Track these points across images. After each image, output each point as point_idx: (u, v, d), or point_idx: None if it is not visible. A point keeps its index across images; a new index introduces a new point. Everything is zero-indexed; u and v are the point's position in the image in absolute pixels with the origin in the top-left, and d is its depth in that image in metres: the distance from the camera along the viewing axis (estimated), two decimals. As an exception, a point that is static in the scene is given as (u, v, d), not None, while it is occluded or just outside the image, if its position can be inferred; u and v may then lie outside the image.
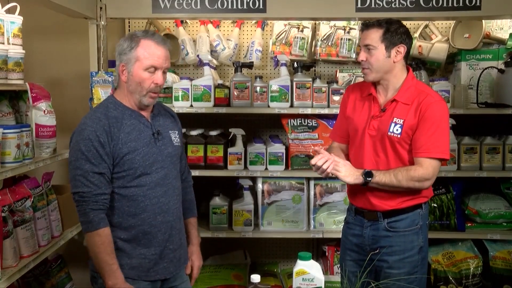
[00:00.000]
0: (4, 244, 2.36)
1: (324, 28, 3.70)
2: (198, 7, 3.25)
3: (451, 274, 3.43)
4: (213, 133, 3.48)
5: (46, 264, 3.08)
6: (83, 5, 3.11)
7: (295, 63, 3.49)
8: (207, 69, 3.49)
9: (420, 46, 3.70)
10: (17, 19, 2.63)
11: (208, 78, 3.43)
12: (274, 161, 3.45)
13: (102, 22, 3.26)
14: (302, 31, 3.69)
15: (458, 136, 3.49)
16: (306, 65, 3.52)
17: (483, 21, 3.50)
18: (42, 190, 2.77)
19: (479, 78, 3.52)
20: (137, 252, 2.15)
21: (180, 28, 3.79)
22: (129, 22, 3.88)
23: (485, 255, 3.50)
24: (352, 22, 3.66)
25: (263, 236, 3.58)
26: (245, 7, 3.24)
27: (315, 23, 3.74)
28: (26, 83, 2.73)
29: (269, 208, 3.49)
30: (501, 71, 3.48)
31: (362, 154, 2.43)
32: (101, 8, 3.25)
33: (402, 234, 2.40)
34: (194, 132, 3.48)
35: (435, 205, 3.48)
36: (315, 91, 3.40)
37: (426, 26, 3.80)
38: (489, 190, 3.66)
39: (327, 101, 3.41)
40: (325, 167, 2.29)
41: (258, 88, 3.41)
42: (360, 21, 3.31)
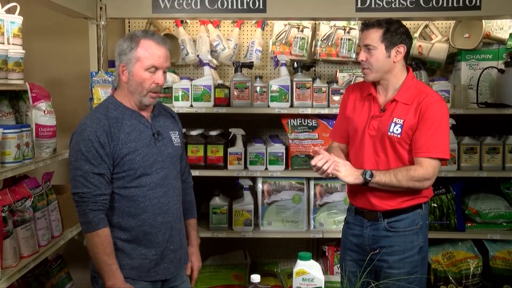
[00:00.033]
0: (4, 244, 2.36)
1: (324, 28, 3.70)
2: (198, 7, 3.25)
3: (451, 274, 3.43)
4: (213, 133, 3.48)
5: (46, 264, 3.08)
6: (83, 5, 3.11)
7: (295, 63, 3.49)
8: (207, 69, 3.49)
9: (420, 46, 3.70)
10: (17, 19, 2.63)
11: (208, 78, 3.43)
12: (274, 161, 3.45)
13: (102, 22, 3.26)
14: (302, 31, 3.69)
15: (458, 136, 3.49)
16: (306, 65, 3.51)
17: (483, 21, 3.50)
18: (42, 190, 2.77)
19: (479, 78, 3.52)
20: (138, 253, 2.15)
21: (180, 28, 3.79)
22: (129, 22, 3.88)
23: (485, 255, 3.50)
24: (352, 22, 3.65)
25: (263, 236, 3.58)
26: (245, 7, 3.24)
27: (315, 23, 3.74)
28: (26, 83, 2.73)
29: (269, 208, 3.49)
30: (501, 71, 3.48)
31: (362, 154, 2.43)
32: (101, 8, 3.25)
33: (402, 234, 2.40)
34: (194, 132, 3.48)
35: (435, 205, 3.48)
36: (315, 91, 3.40)
37: (426, 26, 3.79)
38: (489, 190, 3.66)
39: (327, 101, 3.41)
40: (326, 168, 2.29)
41: (258, 88, 3.41)
42: (360, 21, 3.31)
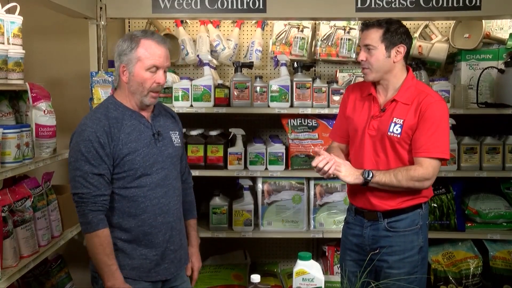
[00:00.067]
0: (4, 244, 2.36)
1: (324, 28, 3.70)
2: (198, 7, 3.25)
3: (451, 274, 3.43)
4: (213, 133, 3.48)
5: (46, 264, 3.08)
6: (83, 5, 3.11)
7: (295, 63, 3.49)
8: (207, 69, 3.49)
9: (420, 46, 3.70)
10: (17, 19, 2.63)
11: (208, 78, 3.42)
12: (274, 161, 3.45)
13: (102, 22, 3.26)
14: (302, 31, 3.69)
15: (458, 136, 3.49)
16: (306, 65, 3.51)
17: (483, 21, 3.50)
18: (42, 190, 2.77)
19: (479, 78, 3.52)
20: (138, 253, 2.14)
21: (180, 28, 3.79)
22: (129, 22, 3.88)
23: (485, 255, 3.50)
24: (352, 22, 3.65)
25: (263, 236, 3.58)
26: (245, 7, 3.24)
27: (315, 23, 3.74)
28: (26, 83, 2.73)
29: (269, 208, 3.49)
30: (501, 71, 3.47)
31: (362, 154, 2.43)
32: (101, 8, 3.25)
33: (402, 234, 2.40)
34: (194, 132, 3.48)
35: (435, 205, 3.48)
36: (315, 91, 3.40)
37: (426, 26, 3.79)
38: (489, 190, 3.66)
39: (327, 101, 3.41)
40: (327, 169, 2.29)
41: (258, 88, 3.41)
42: (360, 21, 3.31)
